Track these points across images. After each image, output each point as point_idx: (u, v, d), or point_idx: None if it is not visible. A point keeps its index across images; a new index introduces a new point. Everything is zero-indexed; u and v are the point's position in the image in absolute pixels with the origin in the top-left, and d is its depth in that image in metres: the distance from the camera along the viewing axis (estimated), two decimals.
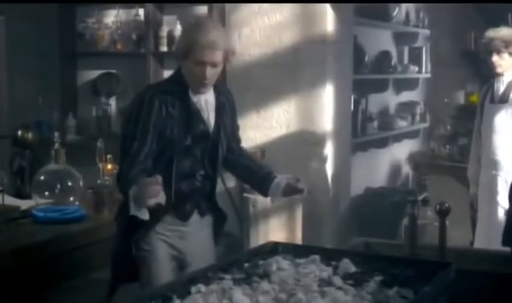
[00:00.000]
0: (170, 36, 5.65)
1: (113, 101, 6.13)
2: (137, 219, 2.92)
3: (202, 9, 5.61)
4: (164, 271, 3.12)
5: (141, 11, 5.88)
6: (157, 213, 2.98)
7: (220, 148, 3.21)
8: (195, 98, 3.12)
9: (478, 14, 7.62)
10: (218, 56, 3.03)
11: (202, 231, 3.27)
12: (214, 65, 3.04)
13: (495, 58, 4.58)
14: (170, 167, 3.08)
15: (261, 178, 3.33)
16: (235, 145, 3.38)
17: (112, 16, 6.07)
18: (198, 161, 3.15)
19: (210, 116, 3.16)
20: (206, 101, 3.15)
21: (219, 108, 3.20)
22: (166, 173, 3.01)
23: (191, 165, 3.13)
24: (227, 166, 3.42)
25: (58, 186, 3.91)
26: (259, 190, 3.41)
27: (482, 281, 2.72)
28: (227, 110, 3.26)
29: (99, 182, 3.97)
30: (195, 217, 3.21)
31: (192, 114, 3.11)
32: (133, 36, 5.91)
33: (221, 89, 3.27)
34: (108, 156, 4.03)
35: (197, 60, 3.01)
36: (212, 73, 3.06)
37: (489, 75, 4.86)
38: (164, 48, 5.71)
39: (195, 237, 3.22)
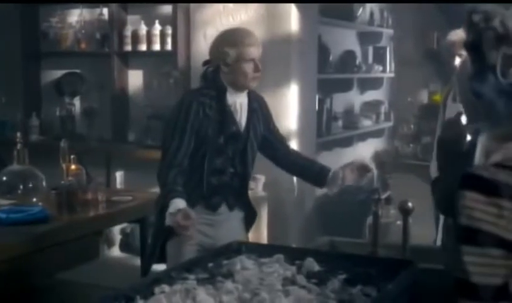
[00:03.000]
0: (134, 35, 5.64)
1: (77, 101, 6.10)
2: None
3: (167, 8, 5.60)
4: (192, 255, 3.26)
5: (105, 11, 5.85)
6: (189, 204, 3.23)
7: (249, 148, 3.47)
8: (230, 101, 3.40)
9: (441, 14, 7.70)
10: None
11: (230, 222, 3.51)
12: (259, 59, 3.39)
13: (457, 61, 4.61)
14: (203, 162, 3.36)
15: (317, 172, 3.59)
16: (279, 145, 3.64)
17: (76, 16, 6.04)
18: (229, 160, 3.43)
19: (242, 119, 3.44)
20: (241, 105, 3.44)
21: (251, 113, 3.48)
22: (200, 168, 3.35)
23: (222, 162, 3.41)
24: (280, 165, 3.68)
25: (21, 187, 3.89)
26: (315, 184, 3.71)
27: (445, 279, 2.74)
28: (259, 115, 3.53)
29: (62, 182, 3.93)
30: (223, 209, 3.48)
31: (226, 115, 3.39)
32: (97, 36, 5.88)
33: (254, 95, 3.53)
34: (72, 156, 3.99)
35: (249, 58, 3.34)
36: None
37: (451, 74, 4.89)
38: (128, 48, 5.69)
39: (224, 225, 3.46)
